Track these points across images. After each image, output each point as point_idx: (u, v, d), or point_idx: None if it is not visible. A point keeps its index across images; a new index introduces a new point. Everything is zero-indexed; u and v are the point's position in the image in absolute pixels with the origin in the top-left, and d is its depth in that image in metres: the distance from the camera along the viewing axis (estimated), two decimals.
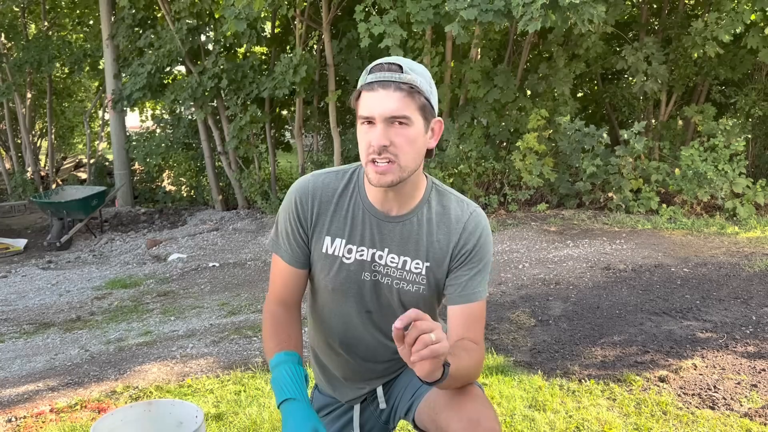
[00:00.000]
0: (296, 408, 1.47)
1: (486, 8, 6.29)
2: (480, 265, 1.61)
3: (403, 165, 1.48)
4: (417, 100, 1.46)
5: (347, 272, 1.64)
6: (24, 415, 3.04)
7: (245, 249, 7.55)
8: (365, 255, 1.63)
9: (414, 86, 1.46)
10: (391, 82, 1.44)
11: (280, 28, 10.89)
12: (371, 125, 1.47)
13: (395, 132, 1.46)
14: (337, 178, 1.65)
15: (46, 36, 12.52)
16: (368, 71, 1.49)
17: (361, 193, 1.63)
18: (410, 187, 1.58)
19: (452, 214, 1.62)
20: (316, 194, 1.63)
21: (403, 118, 1.45)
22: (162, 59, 9.58)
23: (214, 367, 3.63)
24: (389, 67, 1.46)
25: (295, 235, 1.65)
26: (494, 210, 8.19)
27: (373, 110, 1.45)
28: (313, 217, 1.63)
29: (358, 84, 1.52)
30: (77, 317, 5.22)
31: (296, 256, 1.66)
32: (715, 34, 7.13)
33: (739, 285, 4.83)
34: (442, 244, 1.61)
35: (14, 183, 12.79)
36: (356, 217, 1.62)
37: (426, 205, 1.62)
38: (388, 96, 1.44)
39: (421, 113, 1.48)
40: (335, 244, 1.63)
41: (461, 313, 1.59)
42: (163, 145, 11.23)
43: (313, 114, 10.43)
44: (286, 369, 1.52)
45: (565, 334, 3.97)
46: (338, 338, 1.74)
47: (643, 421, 2.76)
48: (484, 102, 8.22)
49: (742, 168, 7.45)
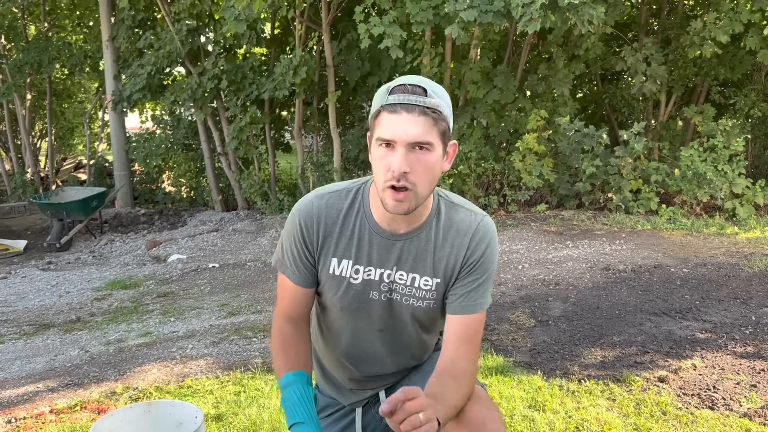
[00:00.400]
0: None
1: (485, 9, 6.30)
2: (484, 276, 1.58)
3: (419, 193, 1.45)
4: (440, 126, 1.43)
5: (355, 292, 1.62)
6: (24, 416, 3.05)
7: (245, 250, 7.55)
8: (373, 275, 1.60)
9: (438, 111, 1.42)
10: (415, 106, 1.39)
11: (279, 29, 10.89)
12: (390, 148, 1.42)
13: (416, 158, 1.41)
14: (341, 198, 1.61)
15: (46, 37, 12.53)
16: (389, 91, 1.43)
17: (367, 212, 1.59)
18: (420, 207, 1.54)
19: (461, 227, 1.58)
20: (321, 217, 1.59)
21: (426, 144, 1.41)
22: (162, 60, 9.59)
23: (213, 368, 3.63)
24: (413, 89, 1.41)
25: (301, 257, 1.62)
26: (494, 211, 8.19)
27: (396, 134, 1.40)
28: (319, 240, 1.60)
29: (376, 102, 1.46)
30: (77, 318, 5.22)
31: (303, 276, 1.64)
32: (713, 35, 7.13)
33: (739, 285, 4.83)
34: (451, 259, 1.58)
35: (14, 184, 12.80)
36: (362, 238, 1.59)
37: (434, 219, 1.59)
38: (413, 120, 1.39)
39: (441, 138, 1.44)
40: (342, 265, 1.61)
41: (460, 324, 1.56)
42: (163, 146, 11.24)
43: (312, 115, 10.44)
44: (295, 390, 1.52)
45: (564, 334, 3.97)
46: (346, 352, 1.74)
47: (642, 421, 2.76)
48: (484, 103, 8.23)
49: (742, 168, 7.45)
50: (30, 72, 12.41)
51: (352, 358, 1.74)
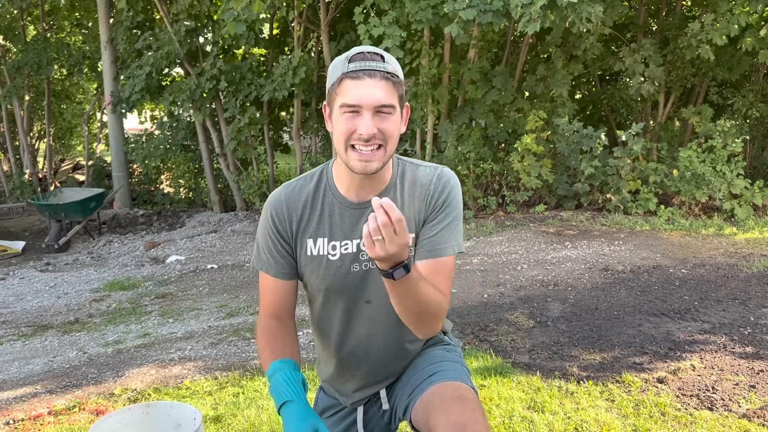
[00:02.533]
0: (294, 409, 1.48)
1: (485, 9, 6.30)
2: (449, 219, 1.62)
3: (388, 151, 1.52)
4: (399, 89, 1.51)
5: (336, 268, 1.65)
6: (22, 418, 3.04)
7: (244, 251, 7.54)
8: (350, 247, 1.64)
9: (397, 76, 1.50)
10: (377, 71, 1.47)
11: (278, 29, 10.89)
12: (355, 114, 1.48)
13: (380, 120, 1.48)
14: (306, 182, 1.68)
15: (44, 38, 12.52)
16: (348, 59, 1.49)
17: (332, 188, 1.65)
18: (382, 170, 1.60)
19: (423, 181, 1.65)
20: (290, 203, 1.65)
21: (389, 107, 1.49)
22: (160, 61, 9.58)
23: (212, 369, 3.63)
24: (372, 56, 1.49)
25: (277, 247, 1.66)
26: (493, 211, 8.19)
27: (361, 99, 1.46)
28: (292, 226, 1.65)
29: (336, 70, 1.51)
30: (75, 319, 5.21)
31: (281, 267, 1.67)
32: (710, 37, 7.12)
33: (738, 286, 4.84)
34: (420, 209, 1.63)
35: (12, 185, 12.79)
36: (333, 214, 1.64)
37: (398, 179, 1.65)
38: (376, 85, 1.47)
39: (400, 102, 1.53)
40: (318, 244, 1.65)
41: (427, 267, 1.57)
42: (161, 147, 11.24)
43: (311, 116, 10.44)
44: (282, 375, 1.54)
45: (563, 335, 3.97)
46: (341, 341, 1.74)
47: (641, 422, 2.76)
48: (483, 103, 8.23)
49: (740, 169, 7.46)
50: (29, 73, 12.40)
51: (349, 348, 1.74)
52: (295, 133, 9.80)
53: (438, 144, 8.77)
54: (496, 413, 2.85)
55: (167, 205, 11.83)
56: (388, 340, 1.73)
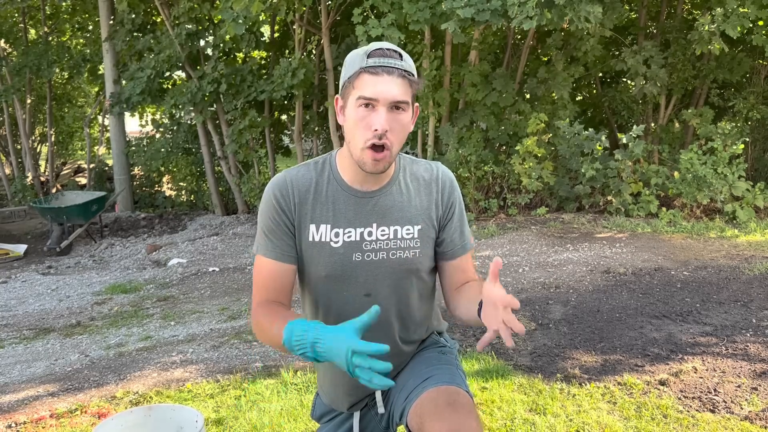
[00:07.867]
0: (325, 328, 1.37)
1: (482, 8, 6.30)
2: (461, 214, 1.73)
3: (394, 153, 1.56)
4: (413, 88, 1.54)
5: (338, 256, 1.63)
6: (24, 421, 3.04)
7: (245, 253, 7.55)
8: (353, 236, 1.63)
9: (413, 75, 1.53)
10: (395, 69, 1.50)
11: (279, 32, 10.91)
12: (370, 108, 1.51)
13: (393, 117, 1.51)
14: (309, 169, 1.68)
15: (45, 41, 12.55)
16: (367, 54, 1.52)
17: (337, 176, 1.65)
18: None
19: (425, 176, 1.70)
20: (294, 185, 1.64)
21: (403, 104, 1.52)
22: (161, 64, 9.60)
23: (214, 372, 3.63)
24: (391, 53, 1.52)
25: (281, 226, 1.62)
26: (494, 214, 8.19)
27: (379, 93, 1.49)
28: (296, 207, 1.63)
29: (354, 64, 1.53)
30: (77, 322, 5.21)
31: (283, 247, 1.62)
32: (722, 29, 6.87)
33: (739, 288, 4.83)
34: (425, 202, 1.68)
35: (14, 188, 12.80)
36: (337, 201, 1.64)
37: (401, 173, 1.68)
38: (393, 82, 1.50)
39: (412, 100, 1.57)
40: (321, 230, 1.63)
41: (462, 261, 1.72)
42: (162, 150, 11.25)
43: (312, 118, 10.45)
44: (298, 325, 1.38)
45: (565, 337, 3.97)
46: None
47: (643, 424, 2.75)
48: (483, 106, 8.24)
49: (742, 171, 7.45)
50: (30, 76, 12.42)
51: None
52: (296, 136, 9.81)
53: (439, 146, 8.78)
54: (498, 416, 2.85)
55: (169, 208, 11.85)
56: (384, 340, 1.71)
